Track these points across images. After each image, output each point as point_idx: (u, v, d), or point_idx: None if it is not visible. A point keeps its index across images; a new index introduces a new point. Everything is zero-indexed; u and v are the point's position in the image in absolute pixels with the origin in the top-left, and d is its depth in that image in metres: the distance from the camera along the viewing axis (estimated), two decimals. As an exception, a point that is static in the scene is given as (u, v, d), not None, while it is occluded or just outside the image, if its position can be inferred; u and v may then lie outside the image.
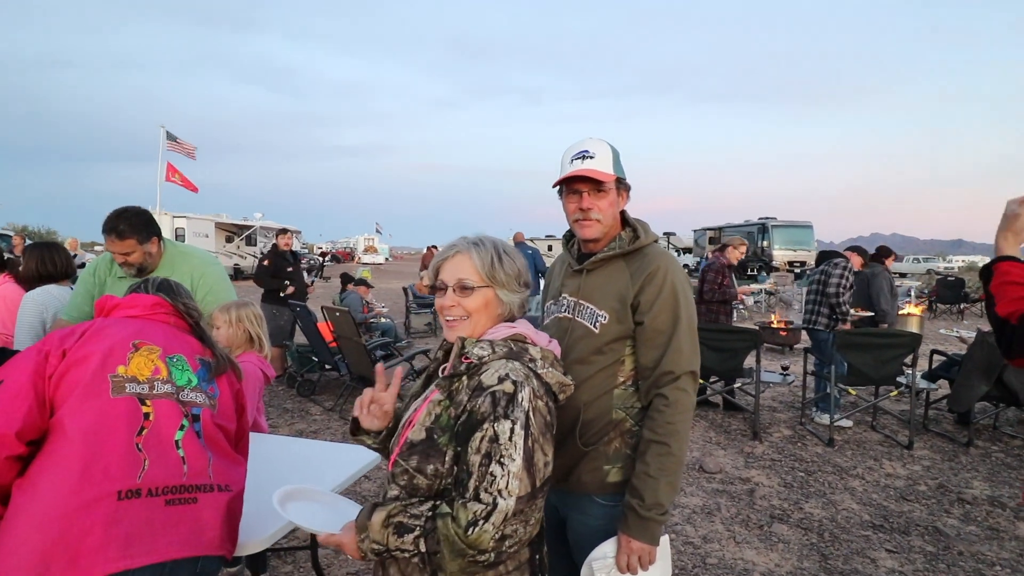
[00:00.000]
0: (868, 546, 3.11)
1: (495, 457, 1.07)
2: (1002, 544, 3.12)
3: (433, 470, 1.13)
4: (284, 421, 5.18)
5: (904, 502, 3.65)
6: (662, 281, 1.48)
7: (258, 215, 27.01)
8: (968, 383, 4.51)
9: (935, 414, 5.40)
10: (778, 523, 3.36)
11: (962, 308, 13.83)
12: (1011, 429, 5.05)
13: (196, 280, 2.54)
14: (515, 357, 1.20)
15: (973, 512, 3.50)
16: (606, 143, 1.56)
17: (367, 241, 52.10)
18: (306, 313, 5.95)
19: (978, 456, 4.44)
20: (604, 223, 1.55)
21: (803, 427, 5.09)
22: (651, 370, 1.47)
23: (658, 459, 1.40)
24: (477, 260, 1.23)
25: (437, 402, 1.18)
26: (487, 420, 1.09)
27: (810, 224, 22.75)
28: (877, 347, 4.57)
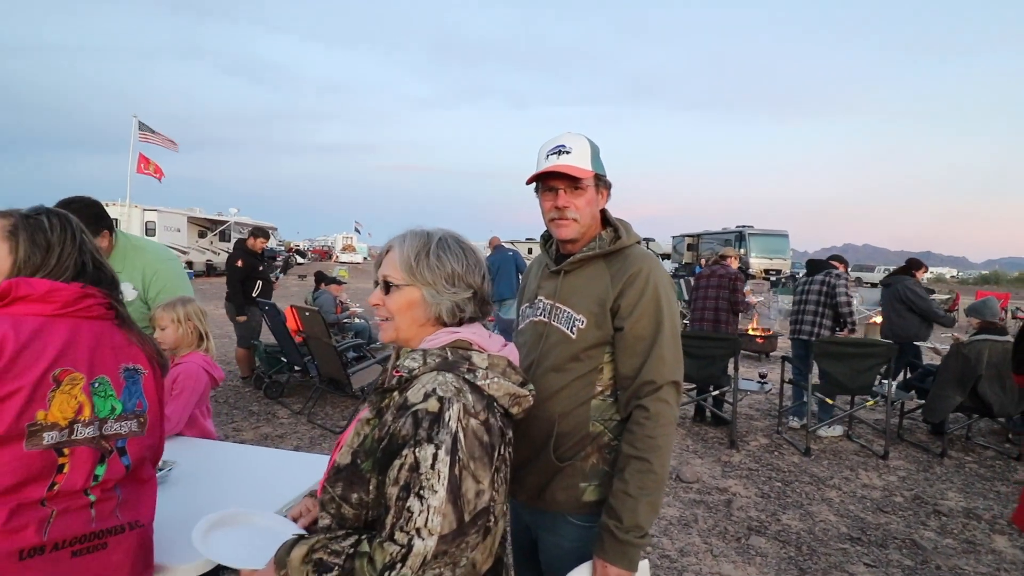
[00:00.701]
0: (846, 560, 3.05)
1: (413, 489, 0.93)
2: (979, 558, 3.09)
3: (358, 499, 1.00)
4: (249, 424, 4.97)
5: (881, 514, 3.61)
6: (644, 284, 1.38)
7: (233, 210, 26.46)
8: (943, 394, 4.52)
9: (909, 424, 5.41)
10: (756, 535, 3.28)
11: (932, 318, 14.10)
12: (983, 440, 5.08)
13: (149, 277, 2.38)
14: (449, 368, 1.05)
15: (949, 524, 3.48)
16: (584, 138, 1.45)
17: (345, 240, 51.45)
18: (275, 312, 5.74)
19: (952, 467, 4.44)
20: (582, 222, 1.43)
21: (780, 435, 5.06)
22: (631, 379, 1.36)
23: (638, 477, 1.29)
24: (398, 255, 1.12)
25: (366, 420, 1.05)
26: (407, 445, 0.95)
27: (786, 233, 23.09)
28: (853, 356, 4.55)
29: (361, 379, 5.09)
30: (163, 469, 1.80)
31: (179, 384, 2.16)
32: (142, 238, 2.53)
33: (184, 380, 2.16)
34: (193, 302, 2.30)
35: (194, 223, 24.10)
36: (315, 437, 4.70)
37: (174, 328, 2.22)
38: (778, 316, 13.19)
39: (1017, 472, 4.34)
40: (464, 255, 1.15)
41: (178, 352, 2.28)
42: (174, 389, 2.16)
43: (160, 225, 21.01)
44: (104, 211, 2.29)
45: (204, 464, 1.99)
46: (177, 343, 2.24)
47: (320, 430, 4.88)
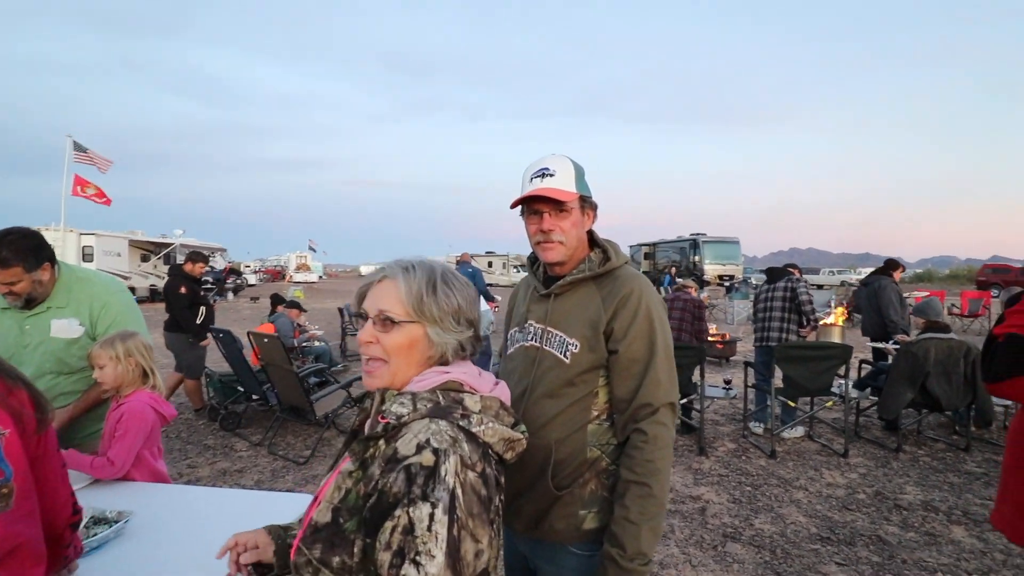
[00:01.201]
0: (818, 560, 3.11)
1: (409, 555, 0.82)
2: (940, 549, 3.21)
3: (340, 564, 0.88)
4: (205, 460, 4.72)
5: (847, 512, 3.71)
6: (636, 305, 1.37)
7: (178, 232, 25.39)
8: (895, 391, 4.72)
9: (865, 421, 5.63)
10: (731, 542, 3.32)
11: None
12: (933, 433, 5.33)
13: (97, 311, 2.21)
14: (442, 415, 0.95)
15: (910, 518, 3.61)
16: (568, 159, 1.44)
17: (299, 259, 50.20)
18: (230, 339, 5.50)
19: (907, 461, 4.63)
20: (568, 245, 1.42)
21: (746, 439, 5.17)
22: (627, 403, 1.34)
23: (639, 502, 1.27)
24: (403, 289, 1.00)
25: (347, 473, 0.94)
26: (400, 504, 0.84)
27: (737, 240, 23.92)
28: (813, 359, 4.71)
29: (325, 406, 4.92)
30: (119, 521, 1.67)
31: (123, 424, 2.02)
32: (88, 269, 2.37)
33: (128, 420, 2.02)
34: (136, 337, 2.13)
35: (136, 247, 22.99)
36: (277, 469, 4.50)
37: (113, 366, 2.05)
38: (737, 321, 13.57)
39: (966, 463, 4.56)
40: (465, 288, 1.08)
41: (121, 391, 2.12)
42: (117, 430, 2.02)
43: (99, 250, 19.94)
44: (44, 242, 2.12)
45: (164, 512, 1.85)
46: (118, 382, 2.08)
47: (282, 461, 4.67)
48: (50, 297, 2.17)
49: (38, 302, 2.14)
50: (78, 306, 2.20)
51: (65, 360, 2.19)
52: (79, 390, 2.24)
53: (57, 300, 2.17)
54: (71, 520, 1.18)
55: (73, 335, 2.18)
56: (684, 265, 24.41)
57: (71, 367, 2.21)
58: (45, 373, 2.17)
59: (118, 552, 1.59)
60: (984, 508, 3.73)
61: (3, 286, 2.04)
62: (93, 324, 2.22)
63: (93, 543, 1.56)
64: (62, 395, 2.21)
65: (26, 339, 2.16)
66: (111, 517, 1.70)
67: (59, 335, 2.16)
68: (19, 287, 2.05)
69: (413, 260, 1.06)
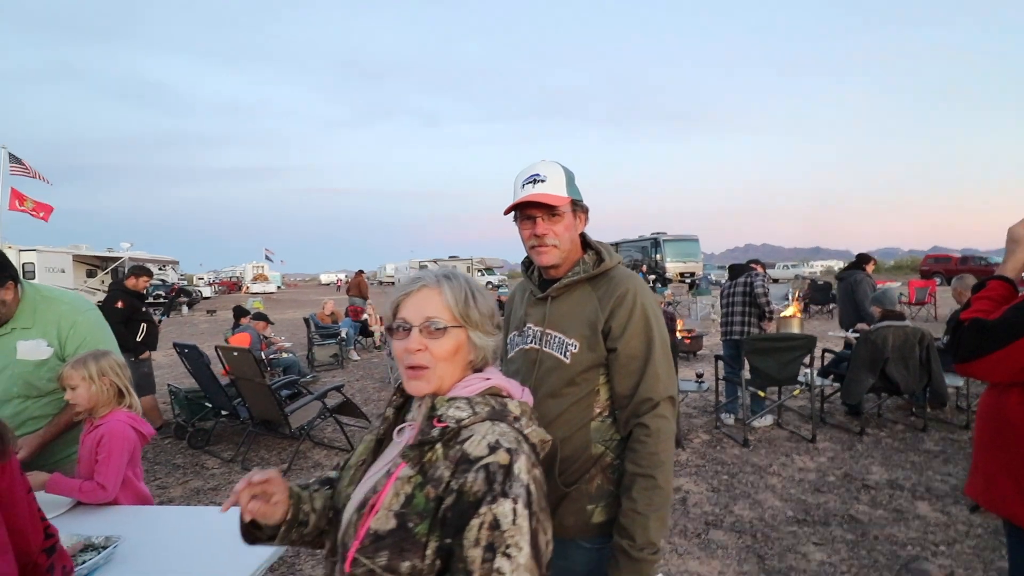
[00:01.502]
0: (797, 542, 3.23)
1: (499, 548, 0.86)
2: (908, 524, 3.39)
3: (409, 568, 0.89)
4: (175, 480, 4.55)
5: (819, 494, 3.87)
6: (632, 304, 1.42)
7: (126, 245, 24.31)
8: (857, 377, 4.94)
9: (829, 407, 5.87)
10: (714, 529, 3.41)
11: (831, 308, 15.50)
12: (892, 415, 5.60)
13: (65, 331, 2.11)
14: (499, 418, 0.99)
15: (878, 497, 3.79)
16: (559, 165, 1.49)
17: (256, 269, 48.82)
18: (196, 354, 5.32)
19: (871, 443, 4.85)
20: (561, 248, 1.47)
21: (719, 430, 5.32)
22: (628, 398, 1.39)
23: (645, 494, 1.31)
24: (450, 296, 1.02)
25: (406, 479, 0.95)
26: (484, 502, 0.88)
27: (697, 237, 24.55)
28: (780, 350, 4.88)
29: (300, 418, 4.82)
30: (108, 546, 1.61)
31: (105, 447, 1.95)
32: (54, 288, 2.25)
33: (111, 442, 1.96)
34: (109, 356, 2.06)
35: (81, 262, 21.90)
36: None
37: (86, 387, 1.98)
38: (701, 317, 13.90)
39: (924, 442, 4.81)
40: (488, 296, 1.11)
41: (95, 413, 2.04)
42: (100, 453, 1.95)
43: (41, 266, 18.89)
44: (6, 259, 2.01)
45: (152, 534, 1.79)
46: (92, 403, 2.00)
47: (258, 476, 4.55)
48: (14, 318, 2.06)
49: (1, 323, 2.04)
50: (45, 326, 2.09)
51: (33, 383, 2.08)
52: (49, 414, 2.14)
53: (22, 321, 2.07)
54: (44, 545, 1.12)
55: (41, 356, 2.08)
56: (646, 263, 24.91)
57: (40, 390, 2.10)
58: (13, 397, 2.07)
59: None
60: (944, 484, 3.94)
61: None
62: (62, 345, 2.11)
63: (83, 571, 1.51)
64: (31, 419, 2.10)
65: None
66: (98, 543, 1.63)
67: (26, 357, 2.06)
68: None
69: (446, 270, 1.09)
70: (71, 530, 1.67)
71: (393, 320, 1.04)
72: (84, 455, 2.02)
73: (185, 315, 23.64)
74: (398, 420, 1.12)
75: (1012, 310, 1.41)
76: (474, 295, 1.06)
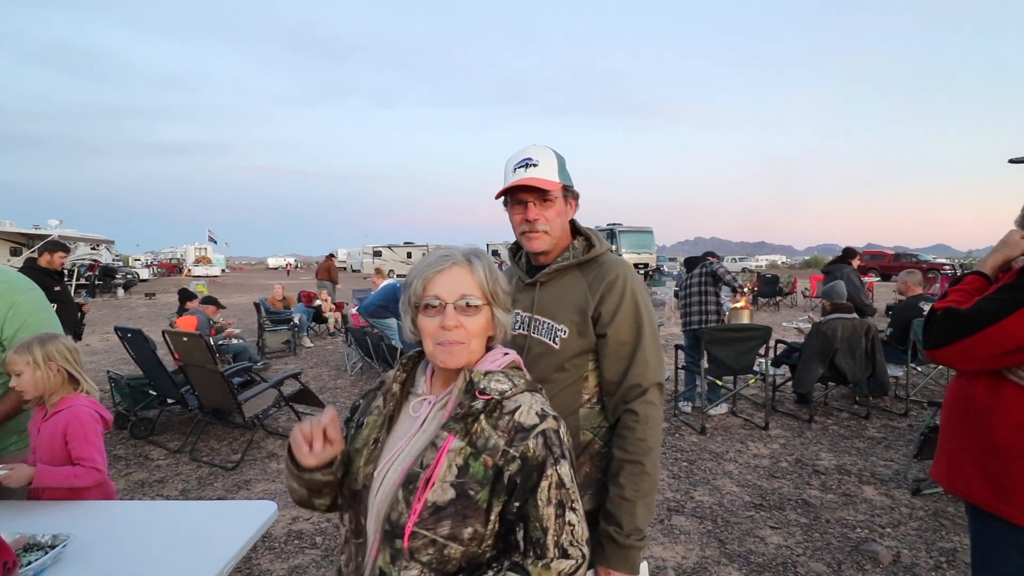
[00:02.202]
0: (755, 526, 3.34)
1: (567, 504, 0.97)
2: (856, 507, 3.56)
3: (471, 534, 0.95)
4: (117, 471, 4.28)
5: (773, 479, 4.01)
6: (622, 290, 1.41)
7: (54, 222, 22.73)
8: (808, 367, 5.15)
9: (779, 396, 6.10)
10: (676, 515, 3.49)
11: (777, 300, 16.19)
12: (837, 404, 5.88)
13: (4, 312, 1.94)
14: (534, 389, 1.07)
15: (828, 481, 3.96)
16: (551, 150, 1.46)
17: (198, 251, 46.64)
18: (140, 339, 5.01)
19: (819, 430, 5.08)
20: (552, 234, 1.45)
21: (677, 418, 5.44)
22: (617, 384, 1.39)
23: (633, 480, 1.32)
24: (481, 273, 1.05)
25: (457, 450, 0.98)
26: (548, 464, 0.97)
27: (651, 229, 25.01)
28: (737, 340, 5.03)
29: (254, 407, 4.62)
30: (56, 545, 1.48)
31: (78, 430, 1.89)
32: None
33: (82, 424, 1.90)
34: (56, 339, 1.94)
35: (4, 239, 20.37)
36: (203, 477, 4.18)
37: (31, 372, 1.87)
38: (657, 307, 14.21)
39: (868, 429, 5.07)
40: None
41: (49, 400, 1.93)
42: (71, 437, 1.88)
43: (-42, 243, 17.49)
44: None
45: (105, 532, 1.66)
46: (39, 390, 1.90)
47: (208, 468, 4.34)
48: None
49: None
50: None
51: None
52: None
53: None
54: None
55: None
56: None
57: None
58: None
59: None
60: (887, 468, 4.17)
61: None
62: (0, 327, 1.93)
63: (28, 572, 1.38)
64: None
65: None
66: (45, 542, 1.51)
67: None
68: None
69: (466, 248, 1.09)
70: (13, 528, 1.53)
71: (423, 297, 1.03)
72: (44, 442, 1.90)
73: (121, 298, 22.34)
74: (403, 396, 1.12)
75: (983, 301, 1.47)
76: (496, 273, 1.09)
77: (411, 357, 1.17)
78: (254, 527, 1.71)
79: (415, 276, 1.05)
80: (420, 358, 1.17)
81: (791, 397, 6.02)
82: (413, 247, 36.86)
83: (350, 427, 1.17)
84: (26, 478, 1.75)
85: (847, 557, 2.99)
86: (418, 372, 1.14)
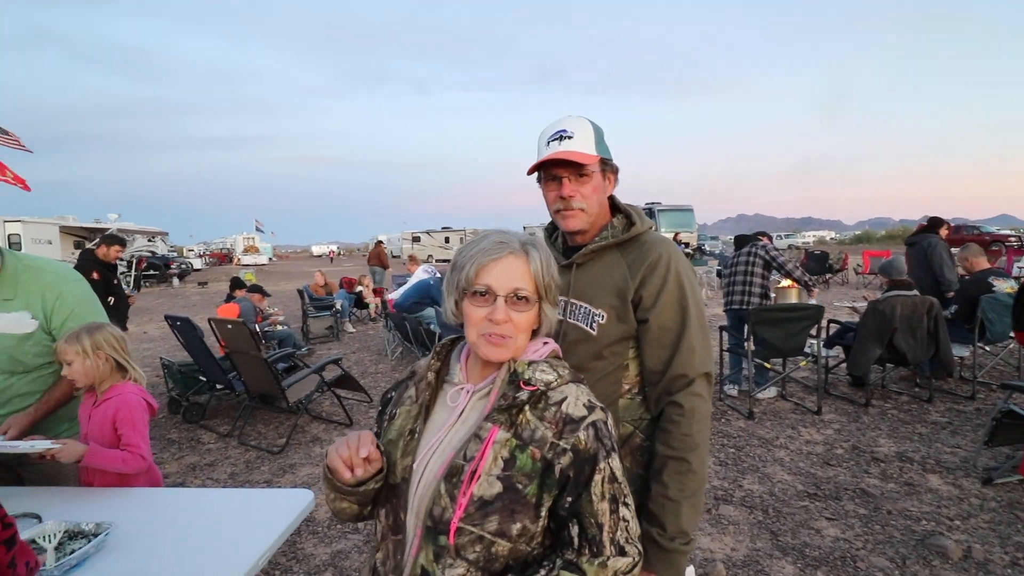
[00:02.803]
0: (809, 517, 3.18)
1: (620, 499, 0.94)
2: (920, 498, 3.34)
3: (520, 530, 0.90)
4: (171, 455, 4.44)
5: (828, 467, 3.82)
6: (665, 271, 1.29)
7: (113, 216, 23.86)
8: (864, 348, 4.87)
9: (832, 378, 5.82)
10: (724, 504, 3.36)
11: (827, 278, 15.48)
12: (896, 386, 5.56)
13: (50, 303, 1.98)
14: (578, 380, 1.02)
15: (888, 470, 3.74)
16: (587, 120, 1.34)
17: (246, 240, 48.25)
18: (189, 327, 5.16)
19: (877, 415, 4.81)
20: (589, 212, 1.34)
21: (722, 402, 5.26)
22: (660, 374, 1.28)
23: (678, 478, 1.22)
24: (536, 266, 1.00)
25: (503, 442, 0.93)
26: (600, 457, 0.93)
27: (691, 208, 24.34)
28: (786, 321, 4.79)
29: (297, 392, 4.70)
30: (99, 533, 1.50)
31: (126, 418, 1.92)
32: (39, 257, 2.10)
33: (130, 412, 1.94)
34: (104, 329, 1.97)
35: (68, 233, 21.53)
36: (251, 460, 4.28)
37: (80, 361, 1.91)
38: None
39: (930, 414, 4.77)
40: None
41: (99, 387, 1.97)
42: (121, 425, 1.92)
43: (26, 237, 18.53)
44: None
45: (147, 521, 1.67)
46: (89, 379, 1.95)
47: (255, 451, 4.45)
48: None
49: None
50: (28, 298, 1.97)
51: (18, 358, 1.95)
52: (38, 390, 2.02)
53: (3, 292, 1.95)
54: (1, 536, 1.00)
55: (25, 330, 1.95)
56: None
57: (26, 365, 1.98)
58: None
59: (101, 567, 1.44)
60: (954, 456, 3.90)
61: None
62: (47, 317, 1.99)
63: (72, 560, 1.40)
64: (18, 396, 1.99)
65: None
66: (88, 530, 1.53)
67: (9, 331, 1.93)
68: None
69: (524, 236, 1.03)
70: (60, 515, 1.55)
71: (473, 284, 0.98)
72: (94, 429, 1.95)
73: (176, 287, 23.34)
74: (438, 385, 1.07)
75: None
76: (550, 268, 1.03)
77: (445, 345, 1.11)
78: (292, 515, 1.70)
79: (467, 260, 0.99)
80: (454, 345, 1.11)
81: (845, 380, 5.74)
82: (451, 231, 37.07)
83: (382, 420, 1.12)
84: (77, 454, 1.79)
85: (912, 551, 2.80)
86: (452, 359, 1.08)
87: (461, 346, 1.10)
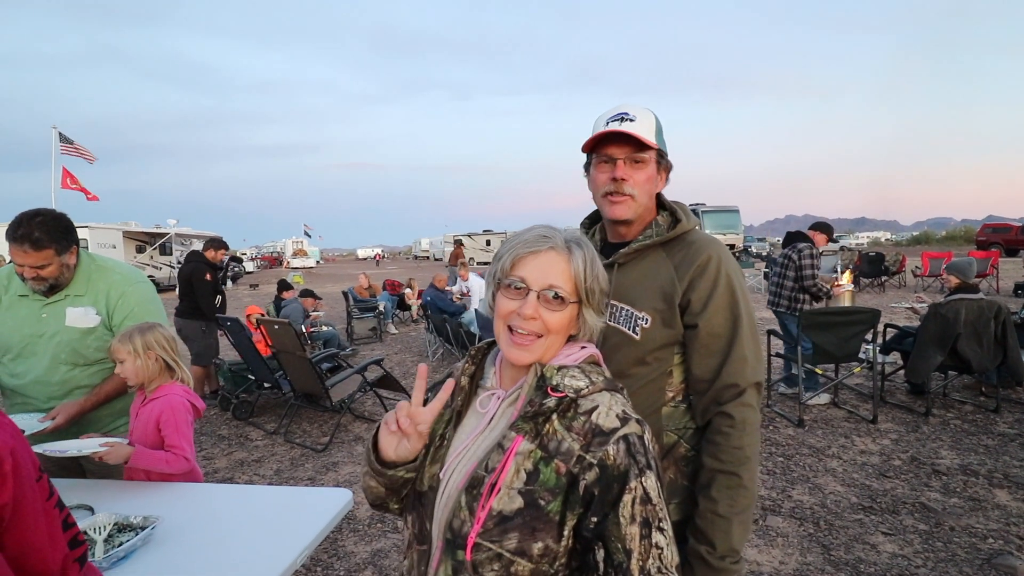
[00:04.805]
0: (864, 531, 3.02)
1: (654, 523, 0.83)
2: (987, 514, 3.12)
3: (542, 549, 0.83)
4: (220, 451, 4.60)
5: (885, 479, 3.62)
6: (716, 274, 1.23)
7: (172, 221, 25.05)
8: (924, 354, 4.60)
9: (889, 385, 5.53)
10: (772, 515, 3.22)
11: (883, 281, 14.75)
12: (959, 395, 5.23)
13: (114, 301, 2.10)
14: (613, 388, 0.93)
15: (951, 483, 3.52)
16: (649, 110, 1.29)
17: (295, 244, 49.89)
18: (238, 327, 5.35)
19: (938, 425, 4.53)
20: (639, 201, 1.28)
21: (770, 408, 5.07)
22: (708, 383, 1.22)
23: (728, 493, 1.16)
24: (578, 265, 0.92)
25: (527, 453, 0.86)
26: (631, 475, 0.83)
27: (737, 208, 23.65)
28: (840, 325, 4.58)
29: (340, 391, 4.79)
30: (146, 527, 1.54)
31: (171, 420, 1.97)
32: (108, 258, 2.24)
33: (175, 414, 1.98)
34: (155, 330, 2.03)
35: (130, 238, 22.70)
36: (296, 458, 4.39)
37: (132, 360, 1.97)
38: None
39: (997, 425, 4.47)
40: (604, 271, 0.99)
41: (148, 386, 2.03)
42: (165, 426, 1.96)
43: (93, 242, 19.65)
44: (72, 225, 2.03)
45: (190, 513, 1.72)
46: (139, 377, 2.01)
47: (300, 449, 4.57)
48: (69, 285, 2.07)
49: (60, 288, 2.05)
50: (95, 295, 2.10)
51: (80, 351, 2.07)
52: (97, 384, 2.13)
53: (76, 288, 2.08)
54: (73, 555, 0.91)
55: (88, 324, 2.07)
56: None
57: (87, 359, 2.09)
58: (60, 364, 2.07)
59: (148, 559, 1.48)
60: (1023, 470, 3.64)
61: (31, 269, 1.94)
62: (109, 314, 2.11)
63: (120, 552, 1.45)
64: (78, 388, 2.10)
65: (42, 328, 2.05)
66: (136, 523, 1.58)
67: (74, 324, 2.06)
68: (47, 271, 1.96)
69: (570, 233, 0.96)
70: (109, 508, 1.62)
71: (508, 275, 0.92)
72: (139, 428, 2.02)
73: (229, 288, 24.30)
74: (472, 390, 1.02)
75: None
76: (594, 266, 0.95)
77: (480, 348, 1.08)
78: (330, 515, 1.72)
79: (506, 250, 0.95)
80: (489, 349, 1.07)
81: (902, 387, 5.44)
82: (492, 235, 37.25)
83: None
84: (123, 456, 1.84)
85: (977, 571, 2.62)
86: (487, 363, 1.04)
87: (496, 350, 1.06)
